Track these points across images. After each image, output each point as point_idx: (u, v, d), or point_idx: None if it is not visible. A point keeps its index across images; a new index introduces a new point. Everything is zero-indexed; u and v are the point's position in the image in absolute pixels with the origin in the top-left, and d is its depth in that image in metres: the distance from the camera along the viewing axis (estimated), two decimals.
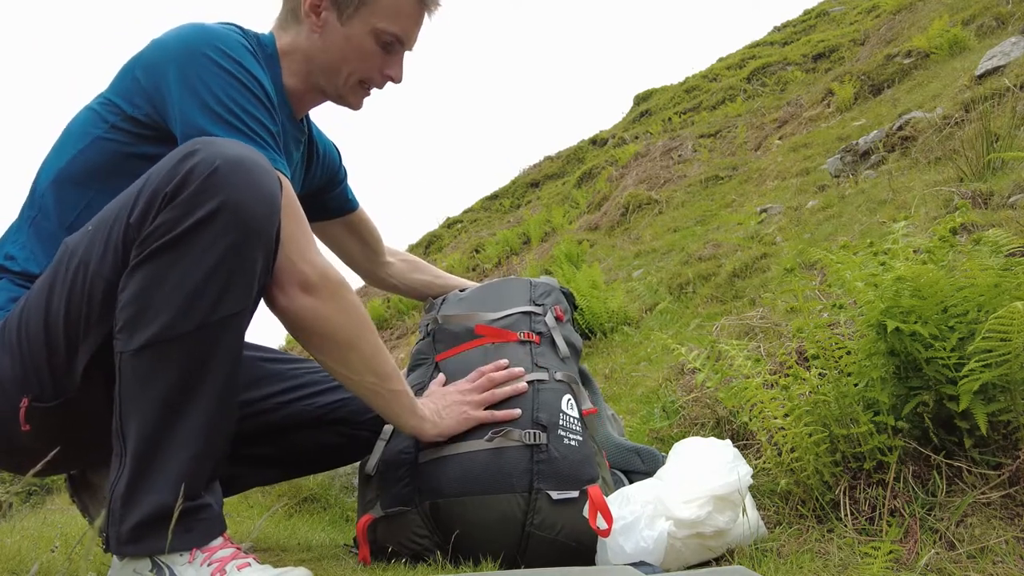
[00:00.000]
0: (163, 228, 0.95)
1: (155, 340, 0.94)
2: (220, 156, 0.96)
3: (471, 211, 12.32)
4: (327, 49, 1.26)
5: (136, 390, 0.96)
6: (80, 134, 1.17)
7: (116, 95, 1.16)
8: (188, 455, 0.96)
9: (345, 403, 1.42)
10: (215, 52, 1.10)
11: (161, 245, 0.94)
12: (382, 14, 1.24)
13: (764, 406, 1.25)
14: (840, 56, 8.07)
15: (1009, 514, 1.02)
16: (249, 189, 0.97)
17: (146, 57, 1.15)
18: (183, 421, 0.96)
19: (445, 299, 1.59)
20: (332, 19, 1.25)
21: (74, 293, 1.00)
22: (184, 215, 0.94)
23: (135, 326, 0.95)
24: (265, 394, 1.37)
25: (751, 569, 0.97)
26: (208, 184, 0.94)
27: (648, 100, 11.49)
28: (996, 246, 1.16)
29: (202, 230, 0.94)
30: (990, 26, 5.20)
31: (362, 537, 1.25)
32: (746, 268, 3.31)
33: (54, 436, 1.06)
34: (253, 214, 0.97)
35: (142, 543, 0.94)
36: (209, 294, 0.96)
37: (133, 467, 0.95)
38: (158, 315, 0.94)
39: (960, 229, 1.85)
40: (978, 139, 2.66)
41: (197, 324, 0.95)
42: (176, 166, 0.96)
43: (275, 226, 1.02)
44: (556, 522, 1.17)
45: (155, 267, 0.95)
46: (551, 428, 1.23)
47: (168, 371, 0.95)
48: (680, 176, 6.92)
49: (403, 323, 7.87)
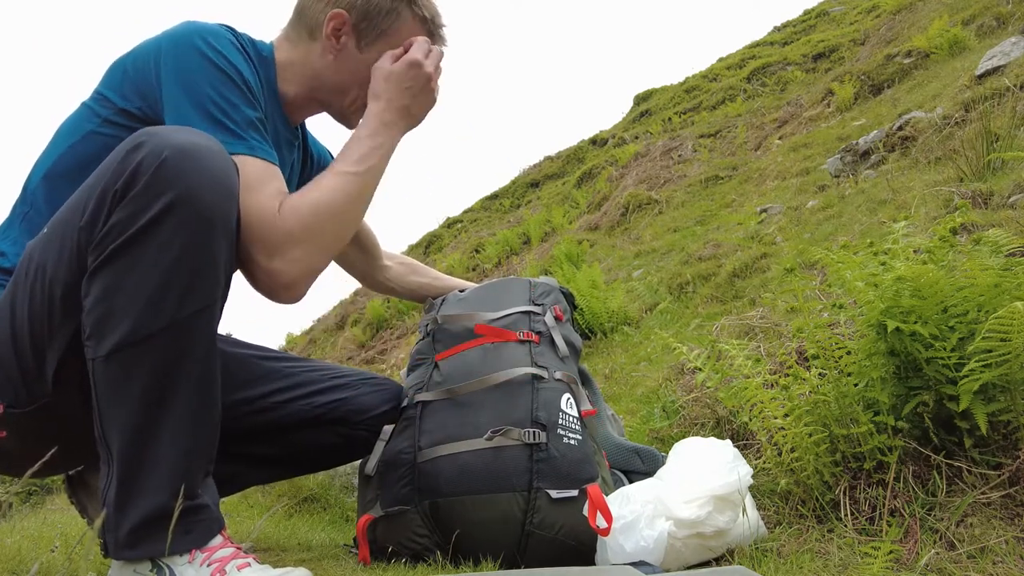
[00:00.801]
0: (117, 229, 0.92)
1: (123, 344, 0.92)
2: (167, 146, 0.92)
3: (471, 211, 12.32)
4: (340, 71, 1.30)
5: (112, 396, 0.94)
6: (72, 129, 1.18)
7: (107, 89, 1.17)
8: (174, 455, 0.95)
9: (344, 402, 1.42)
10: (203, 44, 1.11)
11: (118, 247, 0.92)
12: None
13: (764, 406, 1.25)
14: (840, 56, 8.07)
15: (1009, 514, 1.02)
16: (201, 176, 0.93)
17: (137, 52, 1.16)
18: (164, 422, 0.95)
19: (445, 299, 1.59)
20: (351, 45, 1.28)
21: (35, 299, 0.98)
22: (137, 213, 0.92)
23: (102, 332, 0.93)
24: (263, 392, 1.37)
25: (751, 569, 0.97)
26: (158, 177, 0.91)
27: (648, 100, 11.49)
28: (996, 246, 1.16)
29: (158, 227, 0.92)
30: (990, 26, 5.20)
31: (362, 537, 1.25)
32: (746, 268, 3.31)
33: (35, 440, 1.05)
34: (209, 203, 0.94)
35: (140, 547, 0.94)
36: (173, 292, 0.93)
37: (121, 472, 0.94)
38: (123, 319, 0.92)
39: (960, 229, 1.85)
40: (978, 139, 2.66)
41: (165, 324, 0.93)
42: (123, 161, 0.93)
43: (234, 211, 0.99)
44: (556, 521, 1.17)
45: (114, 270, 0.93)
46: (550, 427, 1.24)
47: (141, 374, 0.93)
48: (680, 176, 6.92)
49: (403, 323, 7.87)
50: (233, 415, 1.32)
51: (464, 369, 1.35)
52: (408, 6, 1.30)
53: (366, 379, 1.46)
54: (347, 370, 1.48)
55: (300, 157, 1.45)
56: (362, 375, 1.47)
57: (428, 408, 1.32)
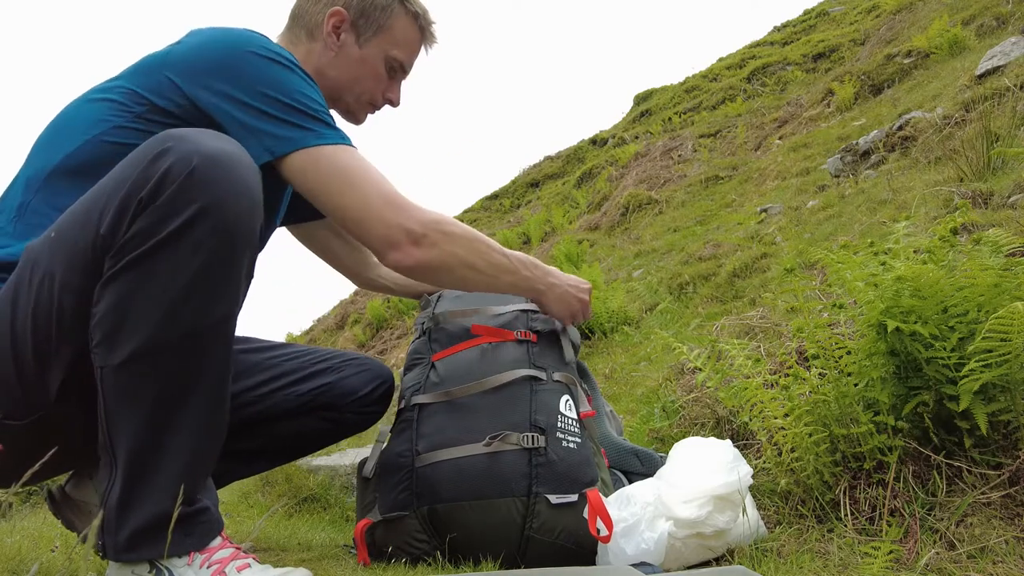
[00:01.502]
0: (140, 237, 0.89)
1: (138, 353, 0.90)
2: (196, 153, 0.90)
3: (471, 211, 12.31)
4: (341, 68, 1.34)
5: (122, 404, 0.92)
6: (91, 123, 1.11)
7: (142, 88, 1.11)
8: (182, 463, 0.94)
9: (330, 387, 1.42)
10: (259, 48, 1.11)
11: (139, 255, 0.89)
12: (395, 42, 1.36)
13: (764, 406, 1.25)
14: (840, 56, 8.07)
15: (1009, 514, 1.01)
16: (230, 186, 0.91)
17: (181, 61, 1.11)
18: (175, 432, 0.93)
19: (441, 296, 1.57)
20: (350, 41, 1.33)
21: (40, 307, 0.95)
22: (163, 221, 0.89)
23: (115, 340, 0.91)
24: (245, 387, 1.37)
25: (751, 569, 0.97)
26: (186, 186, 0.89)
27: (648, 100, 11.48)
28: (996, 246, 1.16)
29: (182, 237, 0.89)
30: (990, 26, 5.20)
31: (360, 541, 1.25)
32: (746, 268, 3.31)
33: (28, 451, 1.00)
34: (236, 214, 0.92)
35: (139, 550, 0.93)
36: (192, 302, 0.91)
37: (126, 478, 0.92)
38: (139, 327, 0.90)
39: (960, 229, 1.85)
40: (978, 139, 2.66)
41: (182, 334, 0.91)
42: (149, 167, 0.90)
43: (257, 222, 0.97)
44: (555, 526, 1.17)
45: (133, 277, 0.90)
46: (549, 431, 1.23)
47: (154, 383, 0.92)
48: (680, 176, 6.92)
49: (403, 323, 7.87)
50: None
51: (461, 371, 1.34)
52: (400, 2, 1.35)
53: (348, 360, 1.47)
54: (328, 352, 1.48)
55: None
56: (344, 355, 1.47)
57: (425, 411, 1.30)
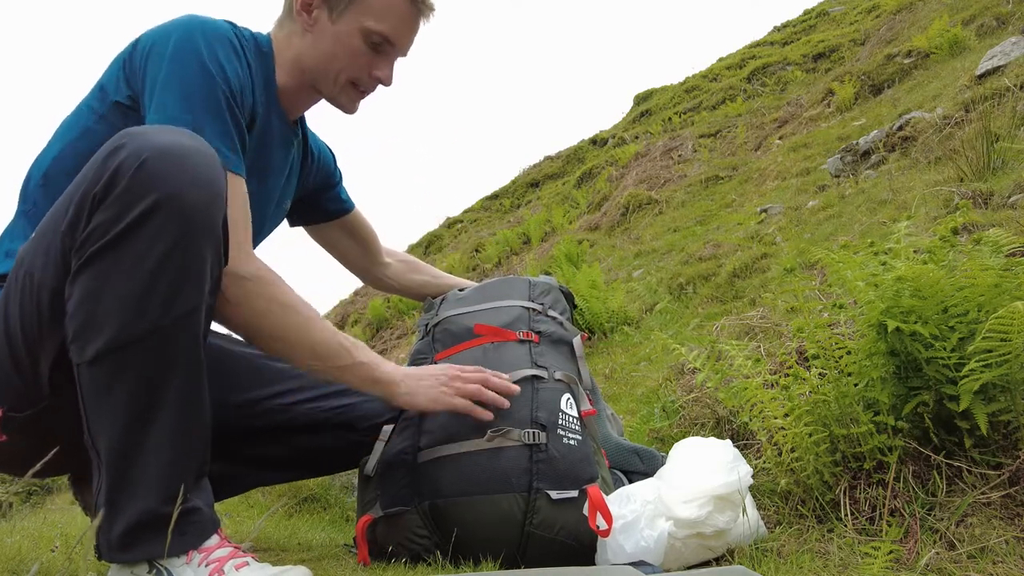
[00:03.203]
0: (98, 232, 0.90)
1: (108, 349, 0.91)
2: (147, 147, 0.90)
3: (471, 211, 12.32)
4: (316, 47, 1.26)
5: (98, 400, 0.93)
6: (70, 126, 1.18)
7: (107, 80, 1.17)
8: (163, 459, 0.94)
9: (351, 408, 1.41)
10: (189, 51, 1.10)
11: (98, 250, 0.90)
12: (371, 13, 1.24)
13: (764, 406, 1.25)
14: (840, 56, 8.07)
15: (1009, 514, 1.01)
16: (183, 177, 0.91)
17: (137, 41, 1.16)
18: (152, 426, 0.93)
19: (444, 298, 1.59)
20: (323, 17, 1.25)
21: (25, 304, 0.97)
22: (117, 216, 0.89)
23: (86, 336, 0.91)
24: (270, 393, 1.36)
25: (751, 569, 0.97)
26: (138, 180, 0.89)
27: (648, 100, 11.49)
28: (996, 246, 1.16)
29: (139, 230, 0.89)
30: (990, 26, 5.20)
31: (361, 537, 1.25)
32: (746, 268, 3.31)
33: (37, 442, 1.04)
34: (193, 204, 0.91)
35: (133, 550, 0.93)
36: (157, 296, 0.91)
37: (109, 476, 0.93)
38: (106, 324, 0.90)
39: (961, 229, 1.85)
40: (978, 139, 2.66)
41: (149, 328, 0.91)
42: (103, 164, 0.91)
43: (220, 212, 0.96)
44: (556, 522, 1.17)
45: (95, 273, 0.90)
46: (550, 427, 1.23)
47: (127, 378, 0.92)
48: (680, 176, 6.92)
49: (403, 323, 7.87)
50: (239, 416, 1.32)
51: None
52: None
53: None
54: None
55: (300, 154, 1.44)
56: None
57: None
